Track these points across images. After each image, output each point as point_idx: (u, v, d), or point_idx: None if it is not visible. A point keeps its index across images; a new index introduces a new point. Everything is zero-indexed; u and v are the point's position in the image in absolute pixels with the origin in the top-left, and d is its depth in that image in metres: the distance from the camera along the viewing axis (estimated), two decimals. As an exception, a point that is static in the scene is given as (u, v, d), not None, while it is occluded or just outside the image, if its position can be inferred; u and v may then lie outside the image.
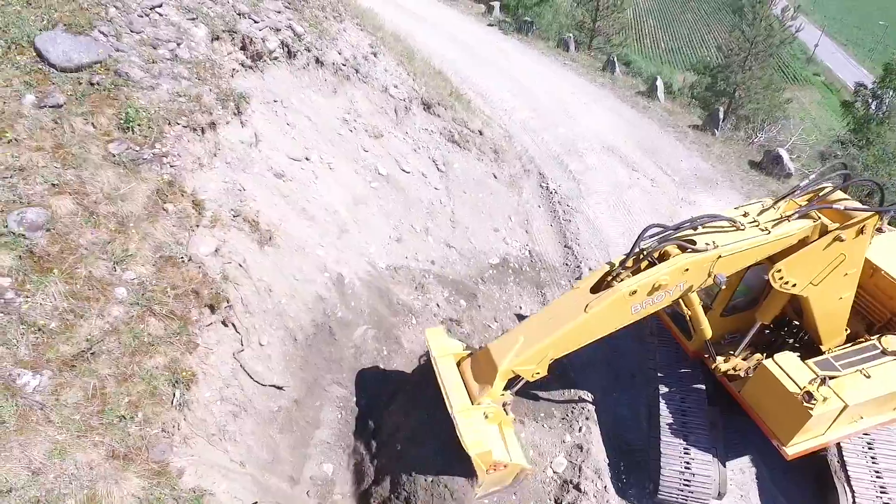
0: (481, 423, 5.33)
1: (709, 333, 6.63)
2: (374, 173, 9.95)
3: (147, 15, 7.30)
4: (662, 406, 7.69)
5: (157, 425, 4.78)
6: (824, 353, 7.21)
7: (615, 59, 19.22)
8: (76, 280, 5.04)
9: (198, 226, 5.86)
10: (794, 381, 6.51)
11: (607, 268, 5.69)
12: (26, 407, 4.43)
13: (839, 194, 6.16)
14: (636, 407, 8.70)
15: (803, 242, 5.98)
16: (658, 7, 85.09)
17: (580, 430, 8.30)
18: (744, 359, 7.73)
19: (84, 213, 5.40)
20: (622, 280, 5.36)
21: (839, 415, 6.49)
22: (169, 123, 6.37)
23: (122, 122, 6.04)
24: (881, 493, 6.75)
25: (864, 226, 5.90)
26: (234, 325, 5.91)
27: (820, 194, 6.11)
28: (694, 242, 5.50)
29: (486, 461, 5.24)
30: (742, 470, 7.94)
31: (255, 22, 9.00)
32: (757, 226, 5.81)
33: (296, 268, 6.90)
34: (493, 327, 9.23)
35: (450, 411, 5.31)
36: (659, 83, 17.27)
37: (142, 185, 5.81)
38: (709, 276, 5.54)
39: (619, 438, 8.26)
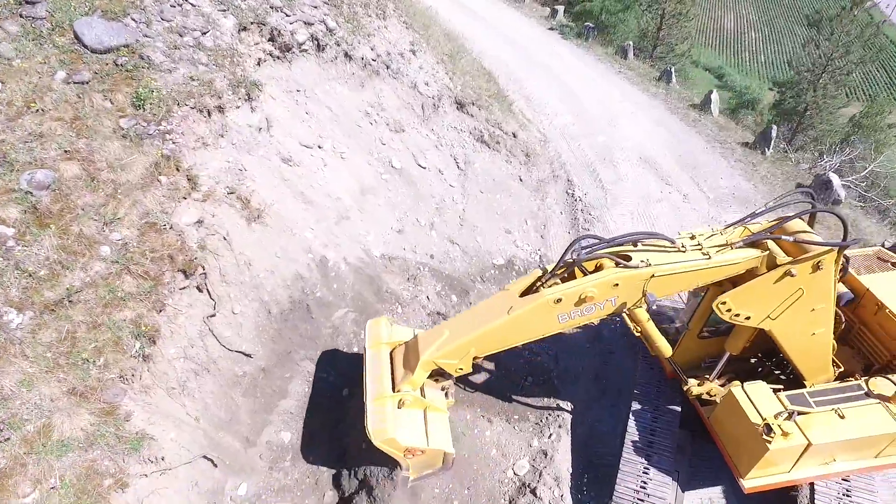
0: (394, 411, 5.46)
1: (666, 352, 6.45)
2: (388, 166, 10.32)
3: (180, 5, 8.01)
4: (631, 422, 7.58)
5: (116, 371, 5.36)
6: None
7: (672, 69, 18.51)
8: (69, 235, 5.73)
9: (185, 198, 6.44)
10: (757, 412, 6.25)
11: (539, 273, 5.66)
12: (7, 340, 5.12)
13: (799, 225, 5.80)
14: (615, 422, 8.56)
15: (753, 273, 5.70)
16: (764, 18, 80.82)
17: (550, 436, 8.30)
18: (722, 385, 7.45)
19: (87, 178, 6.10)
20: (550, 287, 5.36)
21: (803, 453, 6.17)
22: (178, 104, 7.01)
23: (134, 100, 6.74)
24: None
25: (819, 262, 5.49)
26: (208, 291, 6.45)
27: (777, 223, 5.78)
28: (629, 258, 5.38)
29: (395, 448, 5.37)
30: (711, 499, 7.66)
31: (287, 16, 9.59)
32: (700, 249, 5.57)
33: (280, 246, 7.37)
34: (481, 326, 9.35)
35: (365, 400, 5.52)
36: (714, 96, 16.49)
37: (142, 158, 6.46)
38: (643, 295, 5.41)
39: (589, 451, 8.17)
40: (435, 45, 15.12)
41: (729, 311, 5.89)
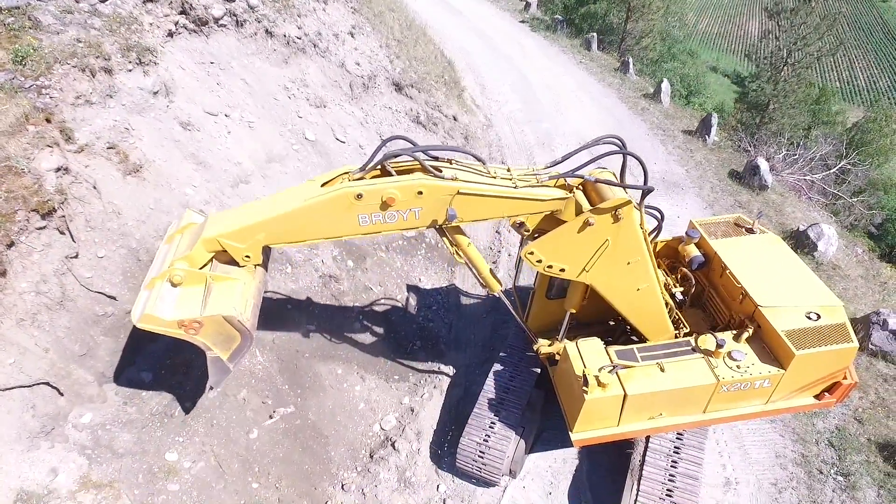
0: (162, 291, 5.13)
1: (494, 286, 6.52)
2: (301, 137, 10.68)
3: (83, -25, 8.48)
4: (489, 381, 7.79)
5: (-46, 296, 5.78)
6: None
7: (630, 60, 18.57)
8: (-72, 173, 6.19)
9: (49, 146, 6.86)
10: (583, 364, 6.43)
11: (347, 168, 5.50)
12: None
13: (606, 175, 5.87)
14: (492, 386, 8.74)
15: (558, 219, 5.77)
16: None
17: (422, 395, 8.54)
18: None
19: (-46, 124, 6.57)
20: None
21: (624, 405, 6.32)
22: (58, 62, 7.46)
23: (14, 56, 7.20)
24: (667, 495, 6.47)
25: (618, 212, 5.51)
26: (70, 234, 6.86)
27: (583, 167, 5.74)
28: (440, 170, 5.31)
29: (161, 325, 5.04)
30: (564, 460, 7.84)
31: (202, -10, 10.03)
32: (510, 180, 5.56)
33: (154, 199, 7.77)
34: (374, 290, 9.65)
35: None
36: (664, 86, 16.53)
37: (14, 108, 6.89)
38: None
39: (459, 412, 8.38)
40: (385, 30, 15.48)
41: (540, 261, 5.93)
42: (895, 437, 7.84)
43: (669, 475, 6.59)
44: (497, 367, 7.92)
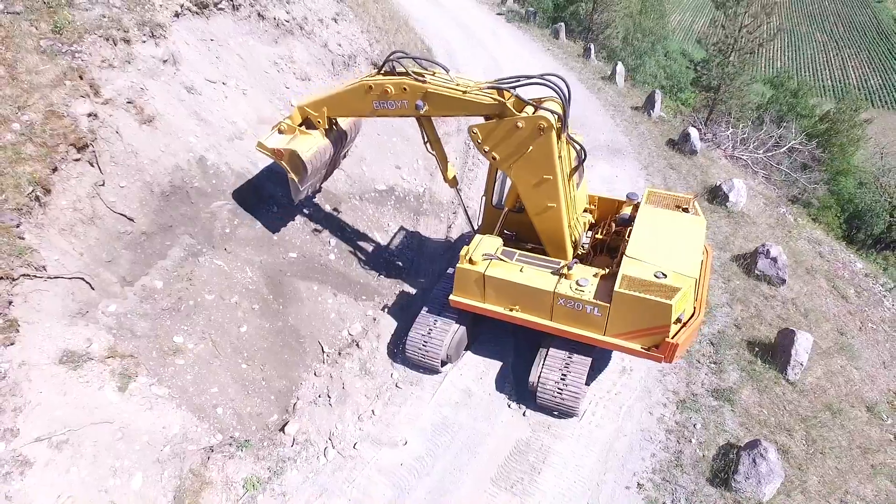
0: (272, 133, 9.16)
1: (449, 175, 8.93)
2: (287, 104, 12.47)
3: (105, -37, 10.28)
4: (440, 284, 9.58)
5: (13, 204, 7.58)
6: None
7: (592, 47, 20.38)
8: (-9, 114, 7.99)
9: (82, 97, 8.67)
10: (474, 250, 8.20)
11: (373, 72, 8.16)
12: (-62, 176, 7.39)
13: (555, 104, 7.31)
14: (444, 304, 10.49)
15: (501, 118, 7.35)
16: (787, 25, 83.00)
17: (384, 309, 10.34)
18: None
19: (9, 77, 8.37)
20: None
21: (484, 285, 8.08)
22: (88, 32, 9.27)
23: (54, 28, 9.02)
24: (564, 366, 8.24)
25: (540, 125, 6.96)
26: (98, 166, 8.66)
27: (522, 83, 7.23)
28: (422, 76, 7.61)
29: (265, 149, 8.93)
30: (495, 356, 9.61)
31: (203, -22, 11.83)
32: (464, 88, 7.49)
33: (164, 144, 9.56)
34: (347, 230, 11.45)
35: None
36: (619, 69, 18.31)
37: (54, 68, 8.72)
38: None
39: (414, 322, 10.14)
40: (368, 18, 17.28)
41: (480, 143, 7.66)
42: (762, 337, 9.61)
43: (569, 354, 8.35)
44: (451, 269, 9.68)
